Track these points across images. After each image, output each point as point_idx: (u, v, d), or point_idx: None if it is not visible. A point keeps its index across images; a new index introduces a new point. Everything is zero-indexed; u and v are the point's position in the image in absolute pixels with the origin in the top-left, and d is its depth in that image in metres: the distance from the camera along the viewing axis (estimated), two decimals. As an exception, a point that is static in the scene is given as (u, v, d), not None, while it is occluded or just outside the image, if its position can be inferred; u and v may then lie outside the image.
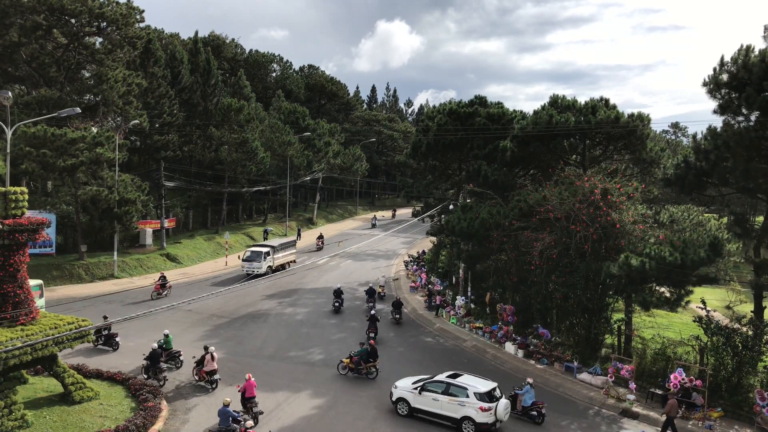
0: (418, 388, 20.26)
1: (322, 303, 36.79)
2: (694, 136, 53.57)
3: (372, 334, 28.23)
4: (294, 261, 47.77)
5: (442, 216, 43.54)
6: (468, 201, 35.17)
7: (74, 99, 40.83)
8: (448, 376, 20.57)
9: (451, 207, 37.57)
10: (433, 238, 47.67)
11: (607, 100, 31.00)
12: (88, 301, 33.29)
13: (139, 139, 53.25)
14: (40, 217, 20.27)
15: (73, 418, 18.11)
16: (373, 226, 77.25)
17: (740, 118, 21.56)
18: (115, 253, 41.94)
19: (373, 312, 30.26)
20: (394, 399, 20.73)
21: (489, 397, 19.35)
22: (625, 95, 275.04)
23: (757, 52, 20.69)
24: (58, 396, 19.44)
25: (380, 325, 30.07)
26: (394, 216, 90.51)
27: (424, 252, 51.74)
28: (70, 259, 41.06)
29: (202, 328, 30.01)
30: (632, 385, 21.97)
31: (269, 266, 43.12)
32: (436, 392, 19.99)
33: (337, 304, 35.03)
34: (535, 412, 20.29)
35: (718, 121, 22.66)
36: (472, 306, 33.91)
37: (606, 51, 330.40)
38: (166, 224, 50.80)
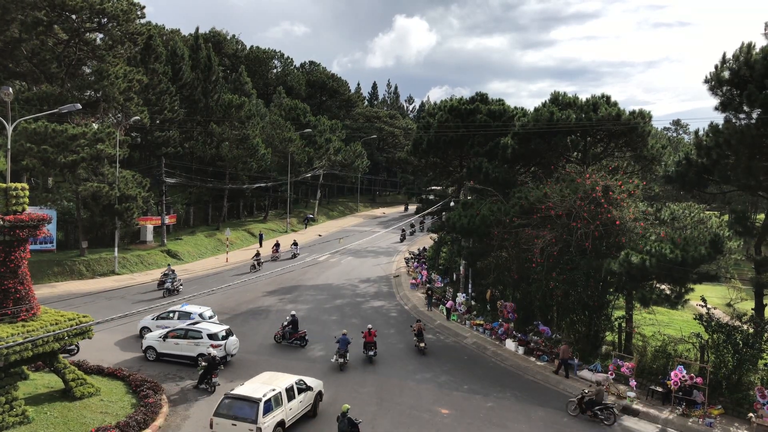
0: (163, 336, 23.97)
1: (323, 299, 36.82)
2: (696, 133, 53.48)
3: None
4: None
5: (443, 213, 43.54)
6: (469, 198, 35.15)
7: (75, 95, 40.74)
8: (187, 325, 24.64)
9: (452, 204, 37.55)
10: (434, 235, 47.61)
11: (608, 97, 30.96)
12: (88, 297, 33.39)
13: (140, 135, 53.21)
14: (41, 213, 20.25)
15: (74, 414, 18.17)
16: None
17: (742, 116, 21.50)
18: (116, 249, 41.98)
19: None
20: (143, 348, 24.26)
21: (219, 336, 23.49)
22: (629, 92, 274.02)
23: (758, 49, 20.63)
24: (58, 392, 19.49)
25: (380, 323, 31.61)
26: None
27: (425, 249, 51.74)
28: (71, 256, 41.11)
29: (202, 324, 30.01)
30: (633, 382, 21.99)
31: None
32: (177, 338, 23.75)
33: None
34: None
35: (719, 118, 22.59)
36: (473, 303, 33.92)
37: (610, 47, 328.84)
38: (167, 220, 50.83)
